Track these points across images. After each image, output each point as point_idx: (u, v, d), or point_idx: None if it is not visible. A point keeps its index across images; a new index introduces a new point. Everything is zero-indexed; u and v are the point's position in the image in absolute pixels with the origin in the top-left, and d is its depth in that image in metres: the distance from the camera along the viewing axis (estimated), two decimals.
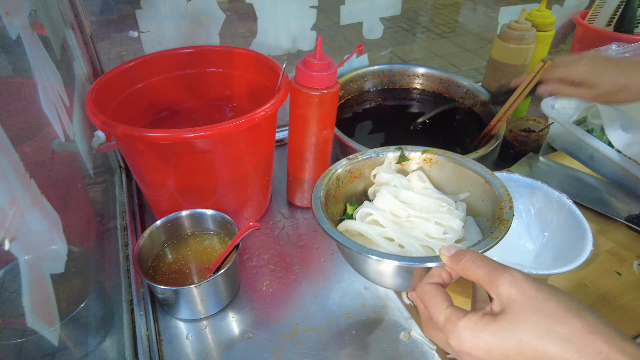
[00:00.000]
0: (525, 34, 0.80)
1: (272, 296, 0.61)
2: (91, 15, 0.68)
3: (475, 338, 0.33)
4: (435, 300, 0.36)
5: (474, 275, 0.35)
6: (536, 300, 0.32)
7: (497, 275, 0.33)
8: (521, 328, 0.31)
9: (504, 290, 0.33)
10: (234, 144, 0.58)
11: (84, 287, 0.54)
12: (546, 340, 0.30)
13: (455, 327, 0.34)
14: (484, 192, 0.52)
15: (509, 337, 0.31)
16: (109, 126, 0.52)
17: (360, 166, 0.57)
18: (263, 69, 0.69)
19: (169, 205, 0.64)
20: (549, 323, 0.30)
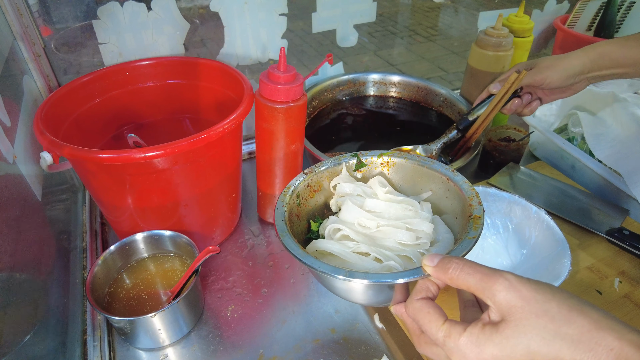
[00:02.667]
0: (503, 41, 0.77)
1: (237, 322, 0.57)
2: (47, 25, 0.65)
3: (480, 352, 0.31)
4: (429, 318, 0.34)
5: (465, 284, 0.33)
6: (537, 302, 0.30)
7: (491, 282, 0.32)
8: (527, 334, 0.30)
9: (501, 297, 0.31)
10: (193, 162, 0.54)
11: (31, 318, 0.50)
12: (556, 344, 0.29)
13: (457, 344, 0.32)
14: (446, 189, 0.51)
15: (516, 346, 0.30)
16: (55, 147, 0.49)
17: (318, 179, 0.54)
18: (228, 81, 0.66)
19: (129, 226, 0.60)
20: (555, 325, 0.29)
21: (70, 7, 0.65)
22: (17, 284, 0.48)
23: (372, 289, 0.44)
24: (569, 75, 0.65)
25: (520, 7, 0.84)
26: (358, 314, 0.58)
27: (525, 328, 0.30)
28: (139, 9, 0.66)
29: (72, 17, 0.66)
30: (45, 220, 0.58)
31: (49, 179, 0.64)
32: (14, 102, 0.55)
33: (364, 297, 0.46)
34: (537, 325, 0.29)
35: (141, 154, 0.48)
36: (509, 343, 0.30)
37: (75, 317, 0.57)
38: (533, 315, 0.30)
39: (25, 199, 0.51)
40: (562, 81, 0.66)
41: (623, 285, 0.58)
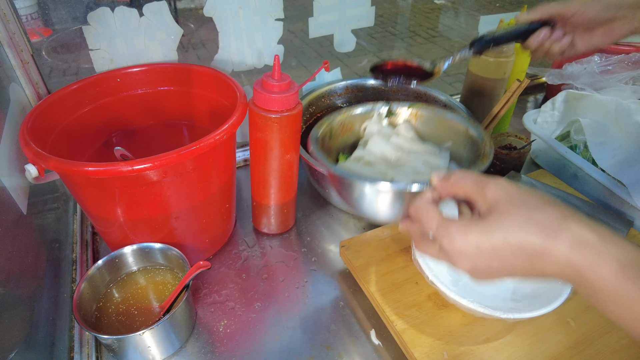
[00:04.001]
0: (504, 47, 0.75)
1: (230, 337, 0.56)
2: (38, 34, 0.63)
3: (465, 237, 0.36)
4: (428, 213, 0.39)
5: (463, 188, 0.39)
6: (519, 197, 0.35)
7: (484, 183, 0.38)
8: (506, 222, 0.34)
9: (490, 193, 0.37)
10: (184, 174, 0.53)
11: (15, 335, 0.48)
12: (527, 229, 0.33)
13: (447, 229, 0.37)
14: (465, 139, 0.59)
15: (495, 232, 0.34)
16: (40, 159, 0.47)
17: (351, 120, 0.63)
18: (222, 88, 0.64)
19: (119, 237, 0.58)
20: (530, 215, 0.34)
21: (68, 8, 0.64)
22: (2, 299, 0.47)
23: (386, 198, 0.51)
24: (609, 3, 0.56)
25: (521, 11, 0.82)
26: (354, 330, 0.57)
27: (505, 217, 0.35)
28: (130, 14, 0.64)
29: (71, 18, 0.64)
30: (32, 234, 0.57)
31: (38, 187, 0.63)
32: None
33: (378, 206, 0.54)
34: (516, 215, 0.34)
35: (129, 167, 0.46)
36: (490, 229, 0.35)
37: (62, 333, 0.55)
38: (514, 207, 0.35)
39: (7, 213, 0.50)
40: (600, 11, 0.57)
41: None
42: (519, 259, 0.34)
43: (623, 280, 0.30)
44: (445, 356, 0.49)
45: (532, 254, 0.33)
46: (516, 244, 0.34)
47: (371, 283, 0.57)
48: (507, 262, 0.35)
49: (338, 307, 0.59)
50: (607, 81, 0.82)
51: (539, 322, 0.53)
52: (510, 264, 0.35)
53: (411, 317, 0.53)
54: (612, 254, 0.31)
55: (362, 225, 0.73)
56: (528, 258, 0.34)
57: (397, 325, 0.52)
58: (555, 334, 0.52)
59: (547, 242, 0.32)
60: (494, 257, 0.35)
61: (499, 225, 0.34)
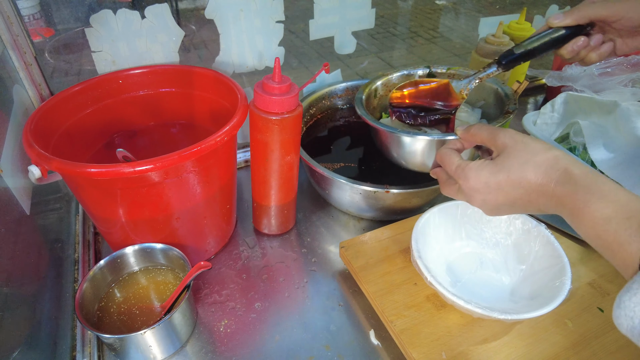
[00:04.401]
0: (503, 49, 0.76)
1: (230, 337, 0.56)
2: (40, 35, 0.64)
3: (477, 175, 0.43)
4: (449, 157, 0.47)
5: (480, 137, 0.47)
6: (523, 142, 0.42)
7: (496, 132, 0.45)
8: (510, 163, 0.41)
9: (500, 140, 0.44)
10: (185, 175, 0.53)
11: (18, 335, 0.49)
12: (525, 168, 0.40)
13: (463, 170, 0.45)
14: (495, 97, 0.67)
15: (501, 171, 0.42)
16: (43, 160, 0.48)
17: (393, 81, 0.72)
18: (223, 90, 0.64)
19: (121, 238, 0.59)
20: (529, 156, 0.41)
21: (71, 8, 0.64)
22: (5, 299, 0.47)
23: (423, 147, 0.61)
24: None
25: (521, 14, 0.82)
26: (354, 330, 0.57)
27: (509, 158, 0.42)
28: (132, 16, 0.65)
29: (73, 18, 0.65)
30: (35, 234, 0.57)
31: (40, 188, 0.63)
32: (2, 112, 0.54)
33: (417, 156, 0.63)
34: (518, 156, 0.41)
35: (131, 169, 0.47)
36: (496, 169, 0.42)
37: (65, 332, 0.56)
38: (516, 150, 0.42)
39: (11, 213, 0.50)
40: None
41: None
42: (518, 193, 0.41)
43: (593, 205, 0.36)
44: (443, 356, 0.49)
45: (529, 189, 0.40)
46: (516, 179, 0.40)
47: (370, 284, 0.57)
48: (510, 197, 0.42)
49: (337, 307, 0.60)
50: (606, 83, 0.82)
51: (537, 323, 0.53)
52: (512, 197, 0.42)
53: (410, 317, 0.53)
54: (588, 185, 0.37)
55: (362, 226, 0.73)
56: (526, 192, 0.40)
57: (396, 325, 0.52)
58: (552, 335, 0.52)
59: (540, 178, 0.39)
60: (499, 192, 0.42)
61: (504, 165, 0.41)
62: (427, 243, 0.58)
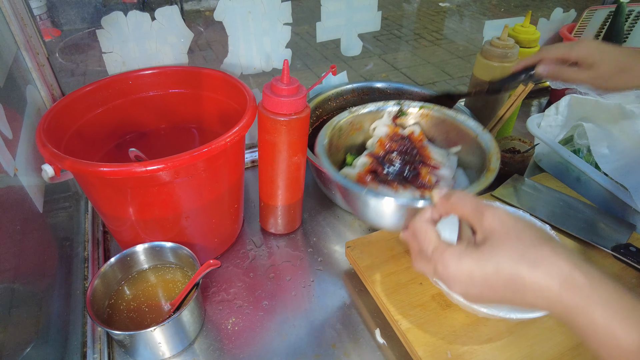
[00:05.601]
0: (508, 52, 0.77)
1: (238, 334, 0.57)
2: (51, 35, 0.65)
3: (459, 264, 0.36)
4: (426, 235, 0.40)
5: (462, 210, 0.40)
6: (514, 229, 0.36)
7: (482, 210, 0.38)
8: (499, 254, 0.35)
9: (487, 223, 0.37)
10: (195, 175, 0.54)
11: (30, 330, 0.50)
12: (519, 264, 0.34)
13: (442, 255, 0.38)
14: (474, 145, 0.57)
15: (488, 262, 0.35)
16: (57, 159, 0.49)
17: (360, 119, 0.61)
18: (231, 91, 0.65)
19: (130, 236, 0.60)
20: (523, 249, 0.35)
21: (77, 9, 0.65)
22: (17, 296, 0.48)
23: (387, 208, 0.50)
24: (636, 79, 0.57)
25: (526, 17, 0.83)
26: (359, 329, 0.58)
27: (499, 249, 0.35)
28: (142, 18, 0.66)
29: (79, 19, 0.66)
30: (46, 232, 0.58)
31: (51, 186, 0.64)
32: (17, 112, 0.55)
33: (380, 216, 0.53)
34: (509, 247, 0.35)
35: (142, 168, 0.47)
36: (483, 259, 0.35)
37: (75, 329, 0.57)
38: (507, 239, 0.36)
39: (26, 211, 0.51)
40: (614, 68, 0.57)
41: None
42: (509, 290, 0.35)
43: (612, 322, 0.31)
44: (448, 355, 0.50)
45: (523, 287, 0.34)
46: (507, 276, 0.34)
47: (376, 283, 0.58)
48: (498, 293, 0.35)
49: (343, 306, 0.61)
50: None
51: (541, 324, 0.54)
52: (501, 294, 0.35)
53: (415, 316, 0.54)
54: (601, 298, 0.31)
55: (367, 226, 0.74)
56: (519, 290, 0.34)
57: (401, 324, 0.53)
58: (557, 335, 0.53)
59: (538, 278, 0.33)
60: (485, 286, 0.35)
61: (492, 257, 0.35)
62: None
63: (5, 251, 0.45)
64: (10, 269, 0.47)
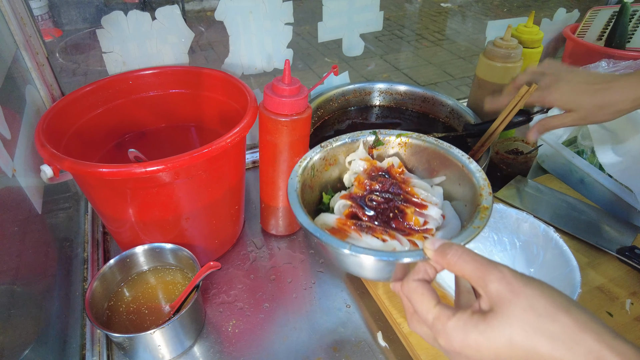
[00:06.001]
0: (512, 52, 0.76)
1: (238, 337, 0.57)
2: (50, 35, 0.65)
3: (465, 338, 0.32)
4: (422, 298, 0.35)
5: (461, 271, 0.34)
6: (525, 297, 0.31)
7: (486, 272, 0.33)
8: (511, 326, 0.30)
9: (493, 288, 0.32)
10: (195, 176, 0.54)
11: (29, 332, 0.49)
12: (536, 338, 0.30)
13: (445, 327, 0.33)
14: (460, 175, 0.51)
15: (499, 336, 0.31)
16: (55, 159, 0.48)
17: (334, 153, 0.55)
18: (232, 92, 0.65)
19: (130, 237, 0.59)
20: (539, 321, 0.30)
21: (79, 9, 0.65)
22: (16, 297, 0.48)
23: (374, 265, 0.44)
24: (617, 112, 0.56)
25: (529, 18, 0.82)
26: (361, 332, 0.57)
27: (510, 320, 0.31)
28: (143, 18, 0.65)
29: (80, 19, 0.65)
30: (45, 233, 0.58)
31: (50, 187, 0.64)
32: (16, 112, 0.55)
33: (367, 271, 0.47)
34: (522, 318, 0.30)
35: (142, 169, 0.47)
36: (492, 332, 0.31)
37: (74, 331, 0.56)
38: (519, 309, 0.31)
39: (24, 212, 0.51)
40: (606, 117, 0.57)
41: (635, 307, 0.56)
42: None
43: None
44: None
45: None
46: (522, 351, 0.30)
47: (378, 286, 0.57)
48: None
49: (345, 309, 0.60)
50: None
51: None
52: None
53: None
54: None
55: None
56: None
57: (404, 327, 0.52)
58: None
59: (560, 355, 0.29)
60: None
61: (503, 329, 0.31)
62: None
63: (4, 252, 0.44)
64: (9, 270, 0.47)
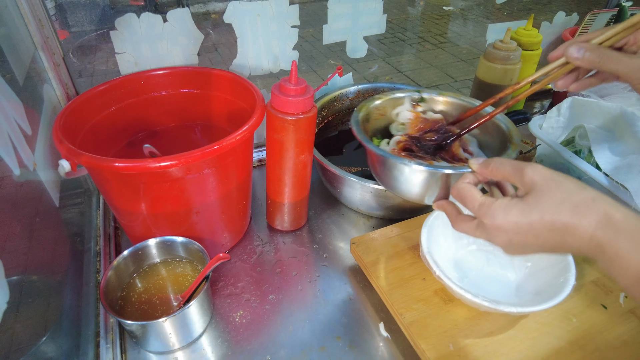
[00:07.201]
0: (511, 54, 0.78)
1: (245, 327, 0.59)
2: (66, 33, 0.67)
3: (506, 214, 0.39)
4: (470, 193, 0.43)
5: (502, 173, 0.43)
6: (554, 181, 0.39)
7: (522, 167, 0.41)
8: (543, 203, 0.38)
9: (527, 177, 0.40)
10: (205, 172, 0.56)
11: (47, 320, 0.52)
12: (561, 209, 0.37)
13: (489, 208, 0.41)
14: (492, 127, 0.64)
15: (533, 211, 0.38)
16: (73, 155, 0.51)
17: (385, 105, 0.69)
18: (240, 91, 0.67)
19: (142, 231, 0.62)
20: (564, 196, 0.38)
21: (85, 11, 0.67)
22: (34, 286, 0.50)
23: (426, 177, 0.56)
24: None
25: (529, 21, 0.85)
26: (364, 323, 0.59)
27: (542, 198, 0.38)
28: (155, 20, 0.68)
29: (87, 21, 0.68)
30: (61, 225, 0.60)
31: (64, 183, 0.66)
32: (34, 110, 0.57)
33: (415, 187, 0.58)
34: (552, 196, 0.38)
35: (156, 164, 0.49)
36: (528, 209, 0.39)
37: (88, 320, 0.58)
38: (550, 190, 0.38)
39: (43, 204, 0.53)
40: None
41: (628, 300, 0.58)
42: (551, 234, 0.38)
43: (635, 253, 0.34)
44: (450, 348, 0.51)
45: (564, 231, 0.37)
46: (550, 221, 0.37)
47: (380, 278, 0.60)
48: (541, 238, 0.39)
49: (348, 300, 0.62)
50: (612, 88, 0.84)
51: (542, 319, 0.55)
52: (543, 239, 0.39)
53: (419, 310, 0.55)
54: (630, 233, 0.34)
55: (372, 224, 0.76)
56: (560, 234, 0.38)
57: (405, 318, 0.54)
58: (557, 330, 0.54)
59: (576, 220, 0.36)
60: (529, 233, 0.39)
61: (537, 205, 0.38)
62: (435, 239, 0.60)
63: (26, 242, 0.47)
64: (29, 260, 0.49)
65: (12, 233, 0.44)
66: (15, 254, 0.45)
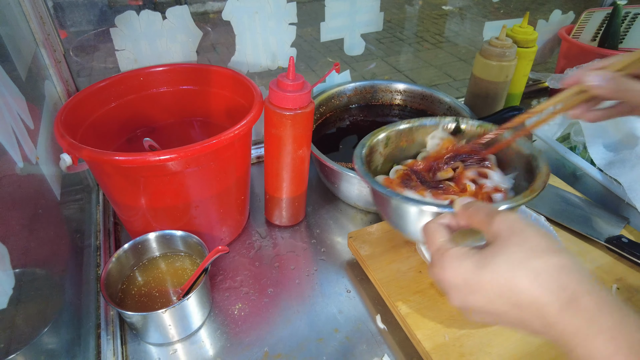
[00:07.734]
0: (506, 51, 0.79)
1: (244, 320, 0.60)
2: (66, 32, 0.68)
3: (457, 267, 0.33)
4: (434, 235, 0.38)
5: (476, 219, 0.37)
6: (521, 235, 0.32)
7: (494, 216, 0.35)
8: (500, 259, 0.31)
9: (494, 226, 0.34)
10: (205, 165, 0.57)
11: (48, 312, 0.52)
12: (518, 272, 0.30)
13: (442, 256, 0.35)
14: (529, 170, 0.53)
15: (487, 266, 0.32)
16: (74, 149, 0.51)
17: (411, 132, 0.61)
18: (239, 88, 0.68)
19: (141, 225, 0.62)
20: (525, 256, 0.31)
21: (84, 11, 0.68)
22: (36, 279, 0.51)
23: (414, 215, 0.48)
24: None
25: (524, 19, 0.86)
26: (361, 315, 0.60)
27: (500, 253, 0.32)
28: (154, 17, 0.69)
29: (85, 20, 0.68)
30: (62, 219, 0.61)
31: (65, 179, 0.67)
32: (36, 106, 0.58)
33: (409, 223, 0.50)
34: (511, 252, 0.31)
35: (156, 157, 0.50)
36: (482, 262, 0.32)
37: (89, 312, 0.59)
38: (511, 244, 0.32)
39: (46, 198, 0.54)
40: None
41: (621, 291, 0.59)
42: (505, 302, 0.31)
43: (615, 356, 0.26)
44: (446, 338, 0.52)
45: (519, 302, 0.30)
46: (504, 284, 0.30)
47: (377, 271, 0.60)
48: (495, 306, 0.31)
49: (345, 293, 0.63)
50: None
51: None
52: (497, 307, 0.31)
53: (415, 302, 0.56)
54: (606, 327, 0.27)
55: (369, 219, 0.77)
56: (515, 305, 0.30)
57: (401, 309, 0.55)
58: None
59: (536, 291, 0.29)
60: (481, 295, 0.32)
61: (493, 260, 0.31)
62: None
63: (29, 235, 0.47)
64: (32, 253, 0.50)
65: (16, 224, 0.45)
66: (17, 245, 0.46)
